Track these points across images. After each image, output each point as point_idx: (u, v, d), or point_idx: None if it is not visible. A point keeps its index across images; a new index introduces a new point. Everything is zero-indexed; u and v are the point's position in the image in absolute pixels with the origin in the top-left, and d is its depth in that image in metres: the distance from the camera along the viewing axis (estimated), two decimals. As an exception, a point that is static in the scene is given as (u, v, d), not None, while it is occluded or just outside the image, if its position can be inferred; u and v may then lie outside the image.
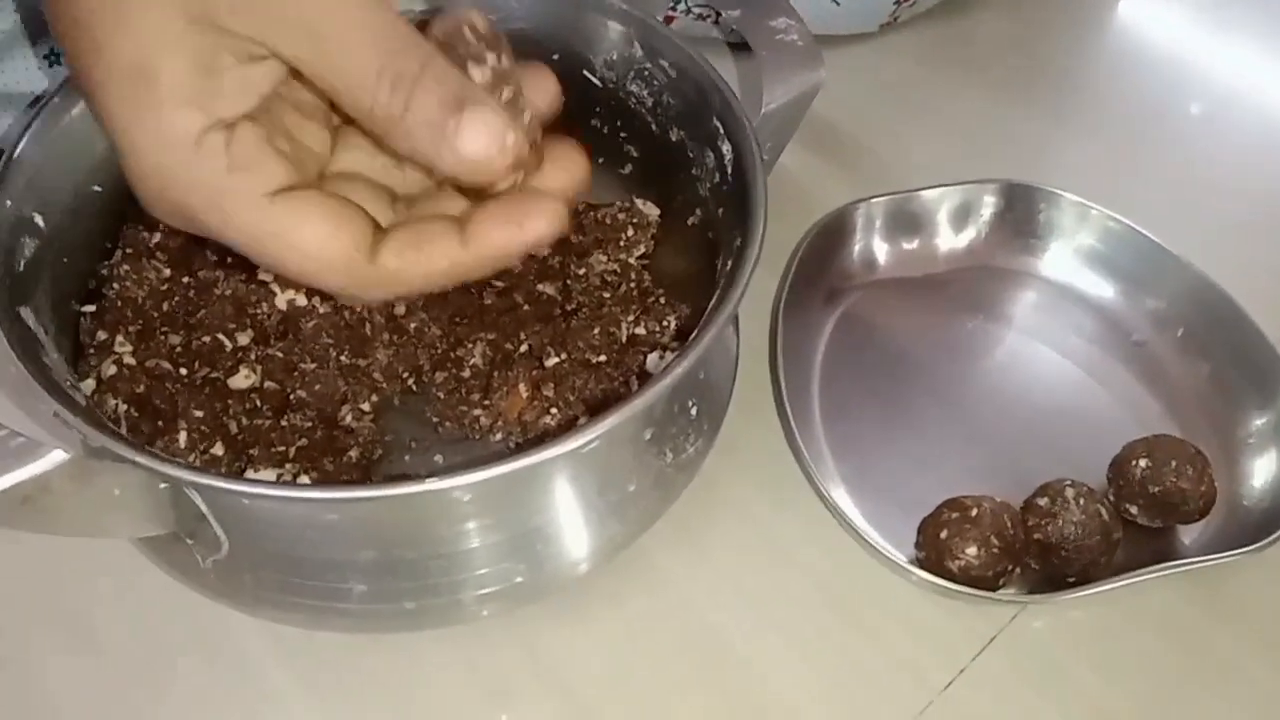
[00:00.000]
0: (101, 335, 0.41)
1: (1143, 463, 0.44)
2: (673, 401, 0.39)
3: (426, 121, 0.30)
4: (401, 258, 0.32)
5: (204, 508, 0.34)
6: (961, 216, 0.53)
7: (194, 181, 0.30)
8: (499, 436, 0.43)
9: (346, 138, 0.35)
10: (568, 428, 0.41)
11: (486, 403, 0.43)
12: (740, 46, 0.43)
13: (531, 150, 0.33)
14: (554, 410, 0.42)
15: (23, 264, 0.37)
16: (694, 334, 0.36)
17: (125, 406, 0.39)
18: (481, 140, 0.30)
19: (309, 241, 0.30)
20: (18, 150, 0.38)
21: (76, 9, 0.30)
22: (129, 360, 0.41)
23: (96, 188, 0.41)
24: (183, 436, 0.39)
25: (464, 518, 0.35)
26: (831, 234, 0.51)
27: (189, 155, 0.30)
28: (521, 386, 0.43)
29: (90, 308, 0.42)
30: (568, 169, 0.35)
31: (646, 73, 0.44)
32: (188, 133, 0.29)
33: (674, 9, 0.55)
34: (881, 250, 0.53)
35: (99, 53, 0.29)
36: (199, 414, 0.39)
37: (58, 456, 0.30)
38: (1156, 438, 0.45)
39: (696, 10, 0.55)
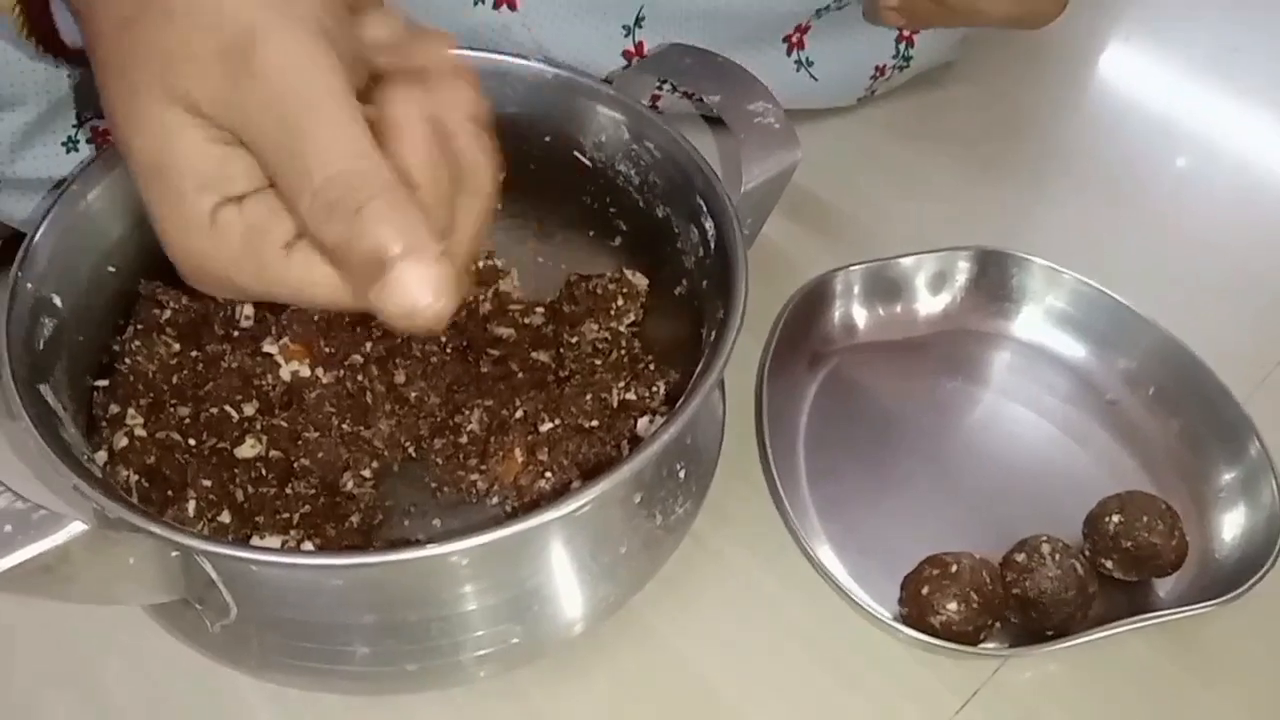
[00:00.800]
0: (114, 408, 0.43)
1: (1116, 518, 0.45)
2: (661, 465, 0.40)
3: (365, 252, 0.28)
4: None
5: (214, 574, 0.35)
6: (938, 282, 0.55)
7: (220, 255, 0.31)
8: (495, 500, 0.44)
9: None
10: (562, 491, 0.42)
11: (483, 468, 0.44)
12: (720, 122, 0.46)
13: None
14: (549, 474, 0.44)
15: (42, 343, 0.39)
16: (681, 400, 0.38)
17: (136, 477, 0.41)
18: (410, 297, 0.28)
19: (323, 289, 0.31)
20: (38, 234, 0.40)
21: (107, 100, 0.31)
22: (140, 432, 0.42)
23: (110, 268, 0.43)
24: (191, 505, 0.41)
25: (462, 581, 0.36)
26: (813, 300, 0.53)
27: (209, 233, 0.31)
28: (517, 451, 0.44)
29: (103, 382, 0.43)
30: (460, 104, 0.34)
31: (634, 154, 0.46)
32: (202, 213, 0.30)
33: (659, 89, 0.57)
34: (861, 315, 0.55)
35: (126, 147, 0.31)
36: (207, 483, 0.41)
37: (77, 528, 0.31)
38: (1129, 494, 0.46)
39: (680, 91, 0.57)
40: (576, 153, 0.48)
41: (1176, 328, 0.52)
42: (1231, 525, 0.48)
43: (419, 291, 0.28)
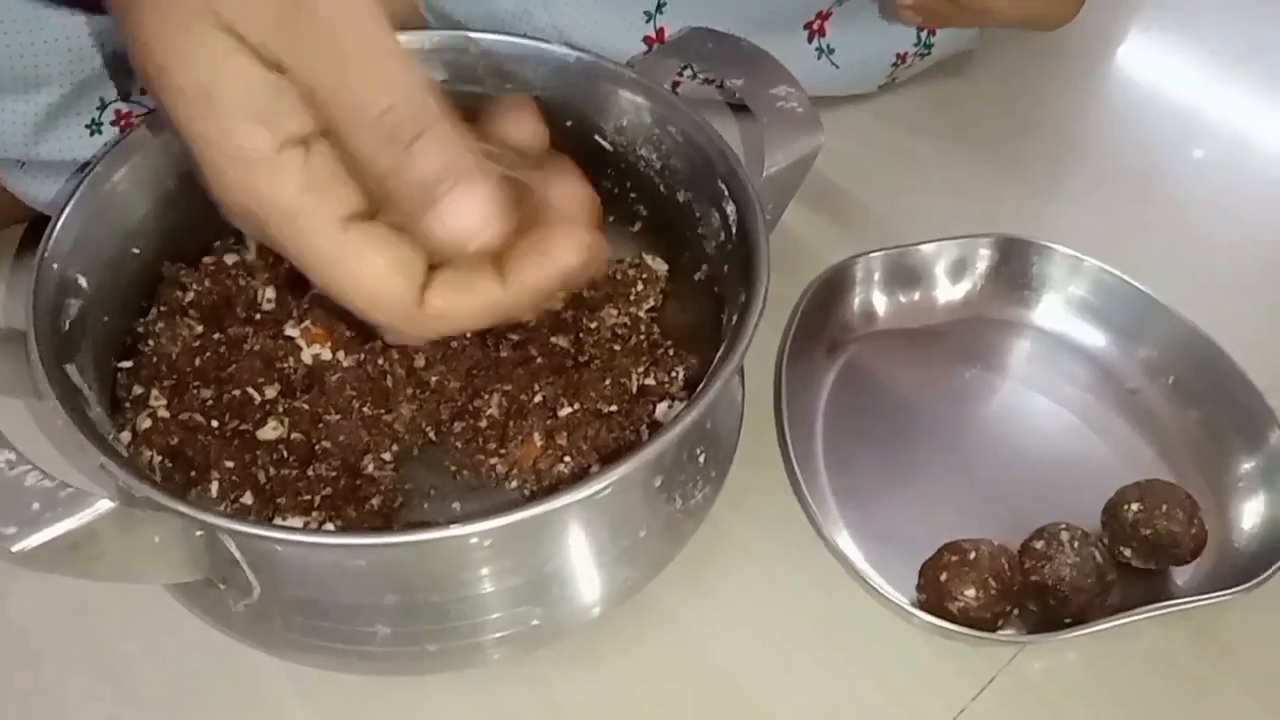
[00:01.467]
0: (137, 390, 0.43)
1: (1135, 506, 0.45)
2: (681, 449, 0.41)
3: (416, 183, 0.30)
4: (446, 300, 0.32)
5: (237, 554, 0.35)
6: (958, 270, 0.55)
7: (270, 197, 0.30)
8: (514, 484, 0.45)
9: None
10: (581, 476, 0.42)
11: (503, 451, 0.45)
12: (742, 108, 0.45)
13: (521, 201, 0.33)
14: (567, 459, 0.44)
15: (68, 324, 0.39)
16: (702, 385, 0.38)
17: (160, 458, 0.41)
18: (465, 220, 0.30)
19: (370, 276, 0.31)
20: (63, 216, 0.40)
21: (141, 32, 0.31)
22: (163, 414, 0.43)
23: (135, 250, 0.44)
24: (214, 486, 0.41)
25: (483, 563, 0.36)
26: (832, 287, 0.53)
27: (266, 170, 0.30)
28: (536, 436, 0.44)
29: (127, 364, 0.44)
30: (576, 197, 0.36)
31: (655, 138, 0.46)
32: (259, 150, 0.30)
33: (680, 74, 0.57)
34: (881, 303, 0.55)
35: (165, 76, 0.30)
36: (229, 465, 0.41)
37: (104, 506, 0.31)
38: (1148, 482, 0.46)
39: (702, 76, 0.57)
40: (598, 137, 0.48)
41: (1197, 317, 0.52)
42: (1251, 514, 0.47)
43: (470, 216, 0.30)
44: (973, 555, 0.43)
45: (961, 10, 0.54)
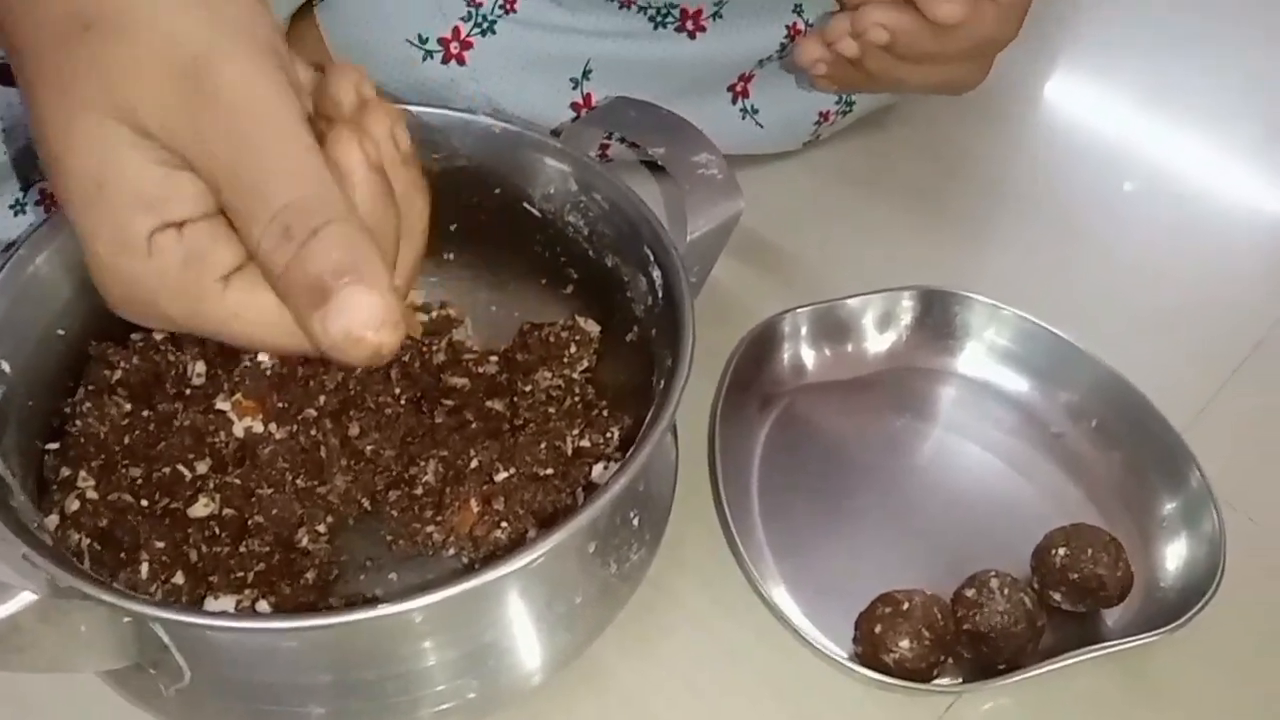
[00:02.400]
0: (65, 471, 0.42)
1: (1061, 551, 0.46)
2: (615, 514, 0.41)
3: (303, 283, 0.28)
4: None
5: (166, 639, 0.35)
6: (883, 322, 0.56)
7: (152, 281, 0.30)
8: (452, 552, 0.44)
9: None
10: (518, 540, 0.42)
11: (439, 519, 0.44)
12: (663, 170, 0.46)
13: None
14: (504, 524, 0.44)
15: (-10, 409, 0.39)
16: (632, 449, 0.38)
17: (89, 541, 0.40)
18: (351, 323, 0.28)
19: (263, 318, 0.30)
20: (-14, 300, 0.40)
21: (39, 114, 0.30)
22: (91, 495, 0.42)
23: (60, 331, 0.43)
24: (144, 567, 0.40)
25: (419, 637, 0.36)
26: (762, 342, 0.54)
27: (145, 257, 0.29)
28: (473, 502, 0.44)
29: (54, 445, 0.43)
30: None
31: (581, 205, 0.47)
32: (139, 235, 0.29)
33: (608, 139, 0.58)
34: (810, 356, 0.55)
35: (58, 163, 0.30)
36: (160, 544, 0.41)
37: (27, 598, 0.31)
38: (1074, 526, 0.47)
39: (628, 142, 0.58)
40: (526, 204, 0.48)
41: (1117, 360, 0.53)
42: (1174, 555, 0.48)
43: (366, 316, 0.28)
44: (906, 606, 0.44)
45: (874, 80, 0.56)
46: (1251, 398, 0.56)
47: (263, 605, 0.40)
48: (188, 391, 0.46)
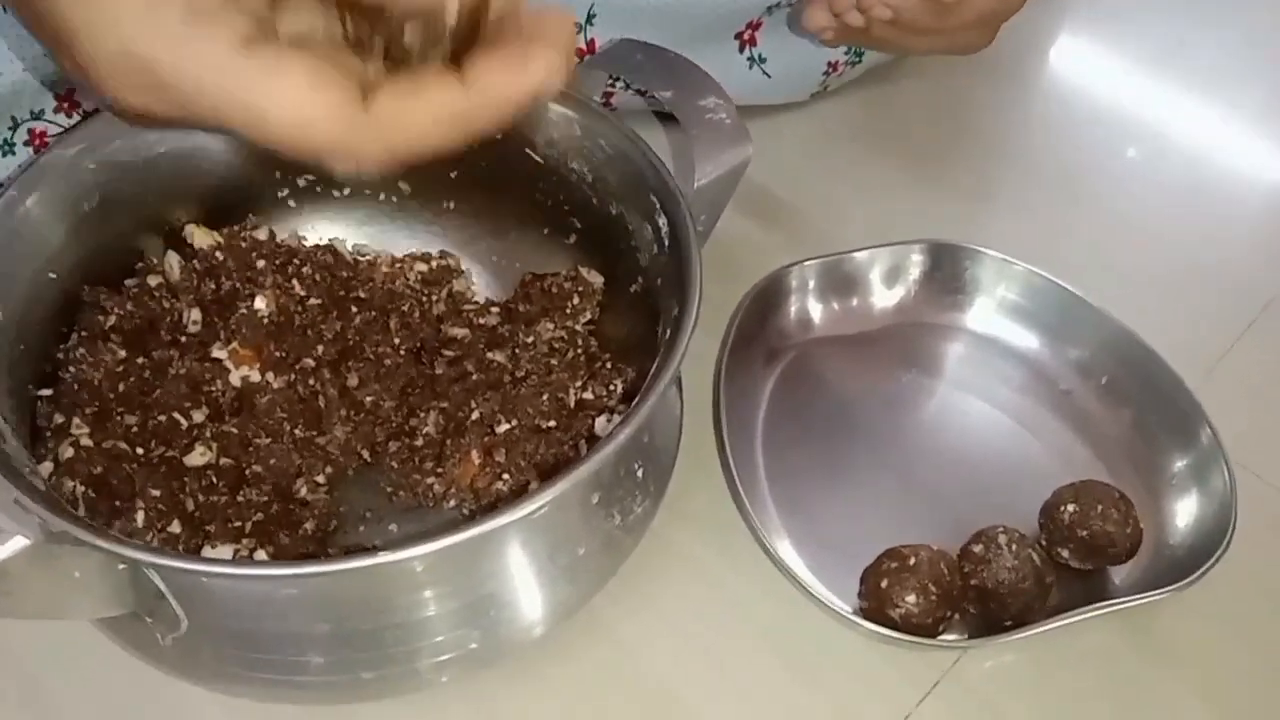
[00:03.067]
0: (58, 418, 0.42)
1: (1070, 508, 0.45)
2: (619, 465, 0.40)
3: None
4: (399, 103, 0.29)
5: (162, 587, 0.34)
6: (891, 276, 0.55)
7: (155, 37, 0.27)
8: (452, 504, 0.44)
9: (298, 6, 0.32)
10: (520, 493, 0.42)
11: (440, 471, 0.44)
12: (672, 119, 0.45)
13: None
14: (506, 476, 0.43)
15: (-20, 354, 0.38)
16: (636, 400, 0.37)
17: (83, 488, 0.40)
18: None
19: (291, 95, 0.27)
20: (-26, 242, 0.39)
21: None
22: (86, 442, 0.41)
23: (52, 274, 0.42)
24: (140, 516, 0.39)
25: (419, 587, 0.35)
26: (768, 296, 0.53)
27: (144, 17, 0.27)
28: (474, 454, 0.44)
29: (47, 391, 0.42)
30: (555, 36, 0.32)
31: (586, 151, 0.46)
32: (135, 3, 0.27)
33: (612, 85, 0.57)
34: (816, 310, 0.54)
35: None
36: (156, 493, 0.40)
37: (19, 543, 0.30)
38: (1083, 483, 0.46)
39: (633, 88, 0.57)
40: (529, 150, 0.47)
41: (1127, 317, 0.52)
42: (1184, 512, 0.48)
43: None
44: (912, 561, 0.43)
45: (881, 44, 0.56)
46: (1262, 357, 0.56)
47: (260, 555, 0.40)
48: (183, 339, 0.45)
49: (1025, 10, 0.56)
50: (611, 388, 0.46)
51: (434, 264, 0.50)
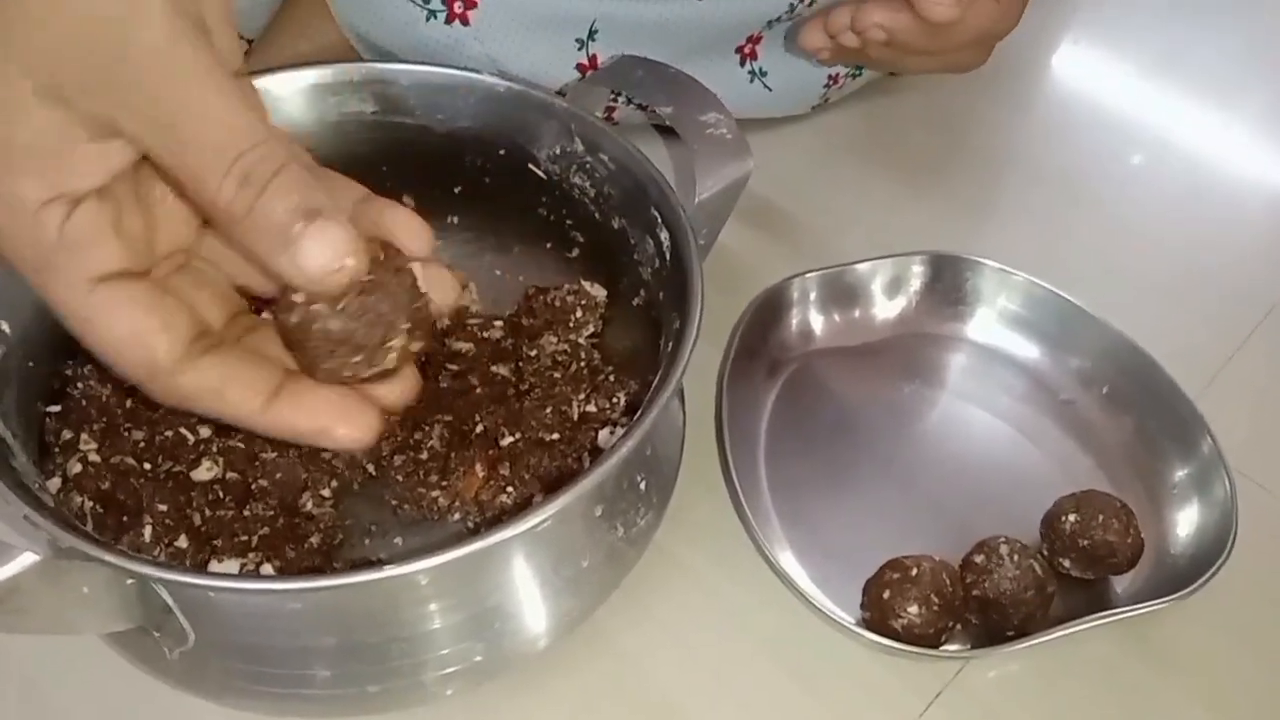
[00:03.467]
0: (67, 434, 0.42)
1: (1072, 517, 0.46)
2: (622, 477, 0.40)
3: (270, 226, 0.29)
4: (202, 384, 0.32)
5: (170, 601, 0.34)
6: (893, 287, 0.55)
7: (23, 250, 0.29)
8: (457, 517, 0.44)
9: None
10: (524, 505, 0.42)
11: (444, 484, 0.44)
12: (674, 133, 0.46)
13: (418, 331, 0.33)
14: (510, 489, 0.43)
15: (-11, 371, 0.38)
16: (639, 413, 0.38)
17: (91, 503, 0.40)
18: (324, 256, 0.30)
19: (116, 338, 0.30)
20: (-17, 260, 0.39)
21: None
22: (94, 458, 0.42)
23: (60, 292, 0.42)
24: (148, 531, 0.40)
25: (424, 600, 0.36)
26: (770, 307, 0.53)
27: (25, 224, 0.29)
28: (478, 466, 0.44)
29: (55, 408, 0.43)
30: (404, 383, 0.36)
31: (588, 165, 0.46)
32: (25, 201, 0.29)
33: (614, 101, 0.57)
34: (819, 321, 0.55)
35: None
36: (163, 507, 0.40)
37: (28, 559, 0.30)
38: (1084, 493, 0.47)
39: (635, 103, 0.57)
40: (531, 165, 0.47)
41: (1128, 327, 0.52)
42: (1185, 522, 0.48)
43: (339, 246, 0.30)
44: (914, 572, 0.44)
45: (875, 62, 0.57)
46: (1262, 365, 0.56)
47: (267, 569, 0.40)
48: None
49: (1027, 19, 0.56)
50: (614, 400, 0.46)
51: (439, 277, 0.50)
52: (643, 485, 0.41)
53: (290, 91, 0.46)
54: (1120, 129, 0.69)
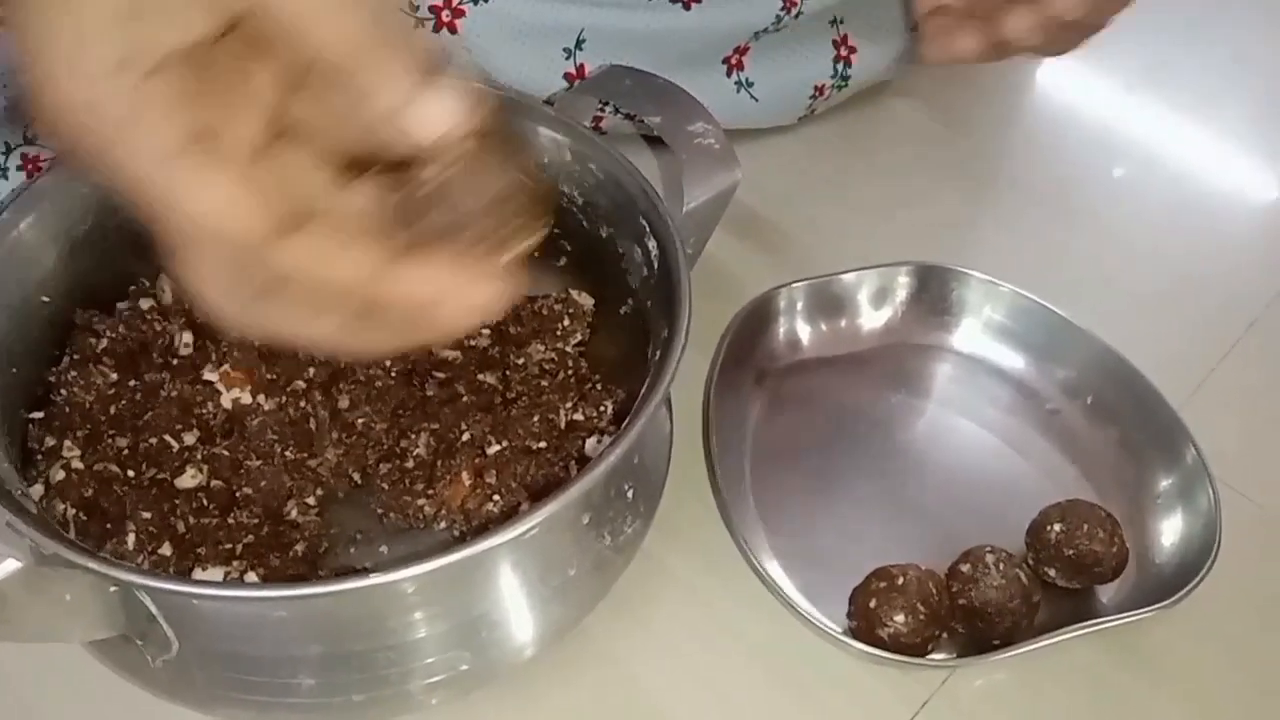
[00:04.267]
0: (50, 441, 0.42)
1: (1057, 527, 0.46)
2: (609, 486, 0.40)
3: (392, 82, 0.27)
4: (310, 248, 0.28)
5: (154, 609, 0.34)
6: (879, 297, 0.55)
7: (92, 122, 0.27)
8: (443, 525, 0.44)
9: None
10: (510, 514, 0.42)
11: (430, 492, 0.44)
12: (661, 143, 0.46)
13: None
14: (496, 497, 0.43)
15: (-29, 377, 0.38)
16: (627, 420, 0.38)
17: (74, 511, 0.40)
18: (447, 110, 0.27)
19: (206, 210, 0.27)
20: (-33, 266, 0.39)
21: None
22: (77, 465, 0.41)
23: (44, 298, 0.42)
24: (131, 538, 0.40)
25: (410, 609, 0.36)
26: (757, 318, 0.53)
27: (96, 84, 0.26)
28: (464, 475, 0.44)
29: (38, 414, 0.43)
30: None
31: (576, 175, 0.46)
32: (102, 59, 0.26)
33: (602, 110, 0.57)
34: (805, 331, 0.55)
35: None
36: (147, 515, 0.40)
37: (10, 565, 0.30)
38: (1070, 502, 0.47)
39: (623, 112, 0.57)
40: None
41: (1113, 337, 0.53)
42: (1170, 531, 0.48)
43: (451, 103, 0.27)
44: (901, 581, 0.44)
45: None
46: (1247, 375, 0.56)
47: (251, 577, 0.40)
48: (175, 361, 0.45)
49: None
50: (602, 409, 0.46)
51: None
52: (630, 494, 0.42)
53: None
54: (1105, 141, 0.69)
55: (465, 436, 0.45)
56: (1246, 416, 0.55)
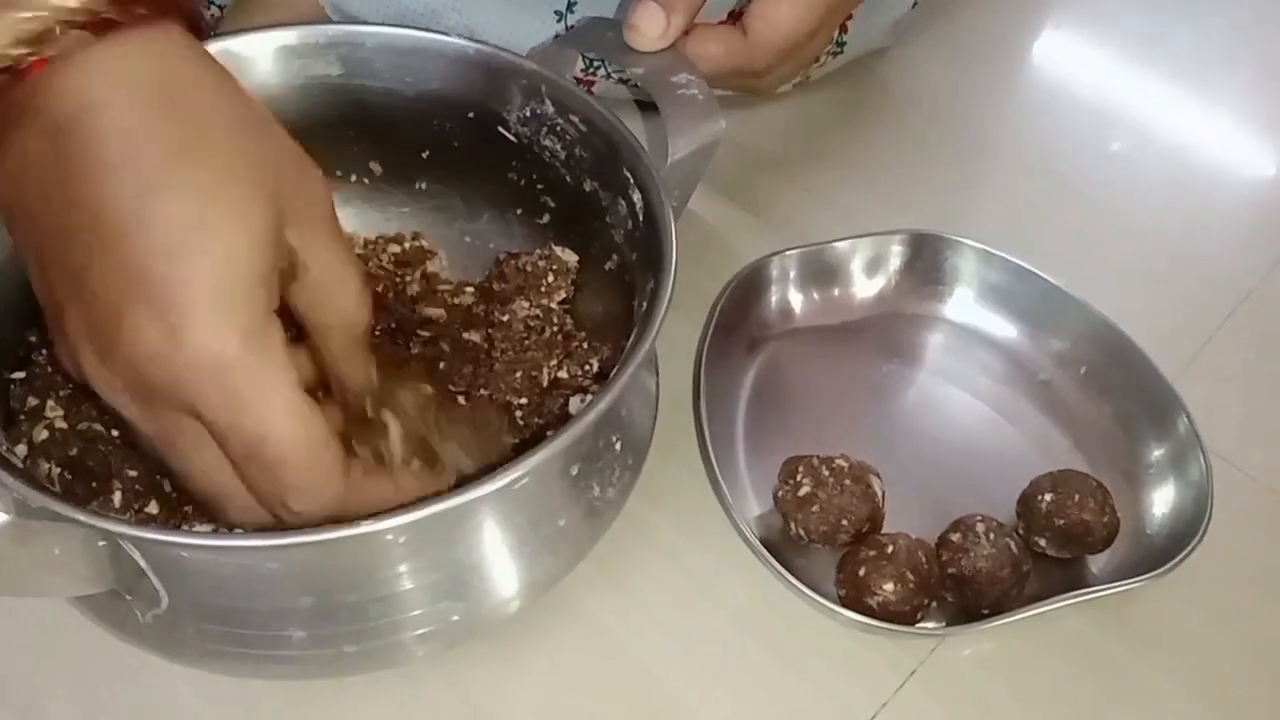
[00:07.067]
0: (32, 401, 0.43)
1: (1048, 497, 0.48)
2: (598, 436, 0.42)
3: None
4: (383, 489, 0.37)
5: (143, 563, 0.36)
6: (872, 266, 0.58)
7: (221, 370, 0.32)
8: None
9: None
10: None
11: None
12: (651, 106, 0.47)
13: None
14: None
15: (-48, 337, 0.39)
16: (615, 370, 0.39)
17: (59, 470, 0.41)
18: None
19: (311, 439, 0.34)
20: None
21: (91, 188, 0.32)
22: (60, 424, 0.43)
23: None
24: (117, 497, 0.41)
25: (400, 559, 0.37)
26: (749, 286, 0.55)
27: (236, 344, 0.32)
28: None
29: (20, 374, 0.44)
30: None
31: (558, 128, 0.48)
32: (247, 324, 0.32)
33: (593, 74, 0.59)
34: (798, 300, 0.57)
35: (118, 240, 0.32)
36: (133, 473, 0.42)
37: (-3, 519, 0.32)
38: (1061, 472, 0.49)
39: (614, 75, 0.59)
40: (501, 129, 0.49)
41: (1107, 308, 0.55)
42: (1161, 501, 0.51)
43: None
44: (890, 549, 0.46)
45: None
46: (1240, 348, 0.59)
47: (239, 532, 0.41)
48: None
49: (1010, 1, 0.58)
50: (587, 367, 0.48)
51: (407, 245, 0.52)
52: (618, 445, 0.43)
53: (257, 54, 0.48)
54: (1101, 113, 0.71)
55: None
56: (1240, 388, 0.57)
